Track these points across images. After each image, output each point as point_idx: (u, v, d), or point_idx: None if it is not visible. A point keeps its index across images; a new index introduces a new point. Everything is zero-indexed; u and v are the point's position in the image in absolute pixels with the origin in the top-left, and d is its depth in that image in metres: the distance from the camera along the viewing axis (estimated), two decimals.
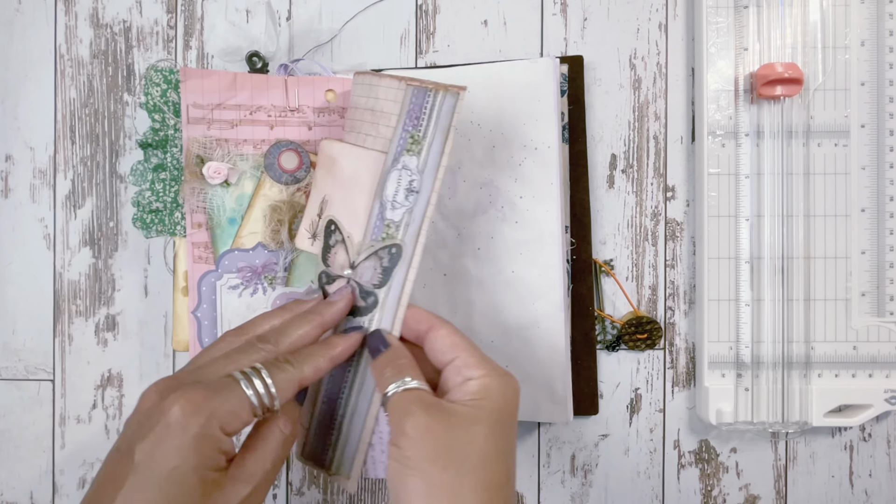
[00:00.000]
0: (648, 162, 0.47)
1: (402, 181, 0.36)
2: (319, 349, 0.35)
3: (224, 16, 0.47)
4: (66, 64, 0.48)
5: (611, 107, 0.47)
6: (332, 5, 0.47)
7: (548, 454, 0.47)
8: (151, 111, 0.43)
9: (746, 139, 0.44)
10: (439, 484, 0.29)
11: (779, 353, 0.44)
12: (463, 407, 0.31)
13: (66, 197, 0.48)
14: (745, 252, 0.45)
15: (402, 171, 0.36)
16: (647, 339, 0.46)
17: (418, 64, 0.47)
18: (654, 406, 0.47)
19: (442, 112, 0.35)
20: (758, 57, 0.44)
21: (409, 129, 0.36)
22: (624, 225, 0.47)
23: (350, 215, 0.37)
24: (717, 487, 0.47)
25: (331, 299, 0.37)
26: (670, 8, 0.47)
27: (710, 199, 0.45)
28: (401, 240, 0.36)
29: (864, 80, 0.44)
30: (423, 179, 0.36)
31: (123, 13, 0.48)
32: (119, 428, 0.48)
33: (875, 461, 0.47)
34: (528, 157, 0.43)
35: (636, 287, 0.47)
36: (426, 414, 0.31)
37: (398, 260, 0.36)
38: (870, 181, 0.45)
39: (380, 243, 0.36)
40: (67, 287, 0.48)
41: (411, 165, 0.36)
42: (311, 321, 0.35)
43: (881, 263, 0.45)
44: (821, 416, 0.44)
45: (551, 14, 0.47)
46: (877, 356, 0.44)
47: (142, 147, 0.44)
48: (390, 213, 0.36)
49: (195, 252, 0.43)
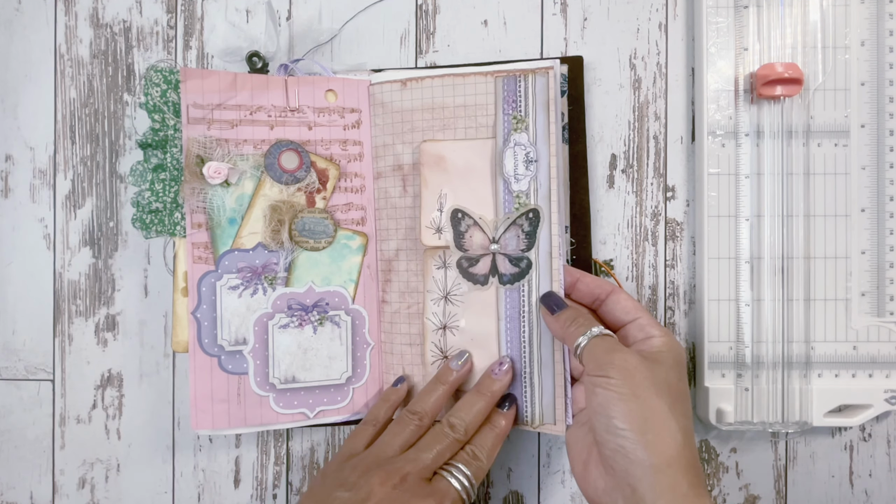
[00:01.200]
0: (648, 162, 0.47)
1: (518, 156, 0.41)
2: (494, 436, 0.40)
3: (224, 16, 0.47)
4: (66, 64, 0.48)
5: (611, 107, 0.47)
6: (332, 5, 0.47)
7: (548, 454, 0.47)
8: (151, 111, 0.43)
9: (746, 139, 0.44)
10: (655, 408, 0.35)
11: (779, 353, 0.44)
12: (655, 355, 0.37)
13: (66, 197, 0.48)
14: (745, 252, 0.45)
15: (516, 148, 0.41)
16: None
17: (418, 64, 0.47)
18: None
19: (538, 91, 0.41)
20: (758, 57, 0.44)
21: (510, 112, 0.42)
22: (624, 225, 0.47)
23: (476, 200, 0.42)
24: (717, 487, 0.47)
25: (495, 376, 0.41)
26: (670, 8, 0.47)
27: (710, 199, 0.45)
28: (536, 204, 0.41)
29: (864, 80, 0.44)
30: (539, 148, 0.41)
31: (123, 13, 0.48)
32: (119, 427, 0.48)
33: (875, 461, 0.47)
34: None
35: (636, 287, 0.47)
36: (631, 354, 0.36)
37: (538, 222, 0.41)
38: (870, 181, 0.45)
39: (515, 213, 0.42)
40: (67, 287, 0.48)
41: (523, 141, 0.41)
42: (483, 400, 0.41)
43: (881, 263, 0.45)
44: (821, 416, 0.44)
45: (551, 14, 0.47)
46: (877, 356, 0.44)
47: (141, 147, 0.44)
48: (516, 185, 0.42)
49: (195, 252, 0.43)
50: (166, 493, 0.48)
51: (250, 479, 0.48)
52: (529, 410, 0.42)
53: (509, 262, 0.42)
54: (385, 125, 0.44)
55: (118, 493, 0.48)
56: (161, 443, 0.48)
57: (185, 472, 0.48)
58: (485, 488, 0.48)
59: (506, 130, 0.42)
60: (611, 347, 0.37)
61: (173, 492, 0.48)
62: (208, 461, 0.48)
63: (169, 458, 0.48)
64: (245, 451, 0.48)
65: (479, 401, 0.40)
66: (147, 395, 0.48)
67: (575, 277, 0.41)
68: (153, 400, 0.48)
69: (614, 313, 0.40)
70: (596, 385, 0.36)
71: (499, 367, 0.42)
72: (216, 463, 0.48)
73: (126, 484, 0.48)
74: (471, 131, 0.43)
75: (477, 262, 0.43)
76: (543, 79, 0.41)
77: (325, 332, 0.45)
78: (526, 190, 0.41)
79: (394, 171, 0.44)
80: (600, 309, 0.41)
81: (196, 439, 0.48)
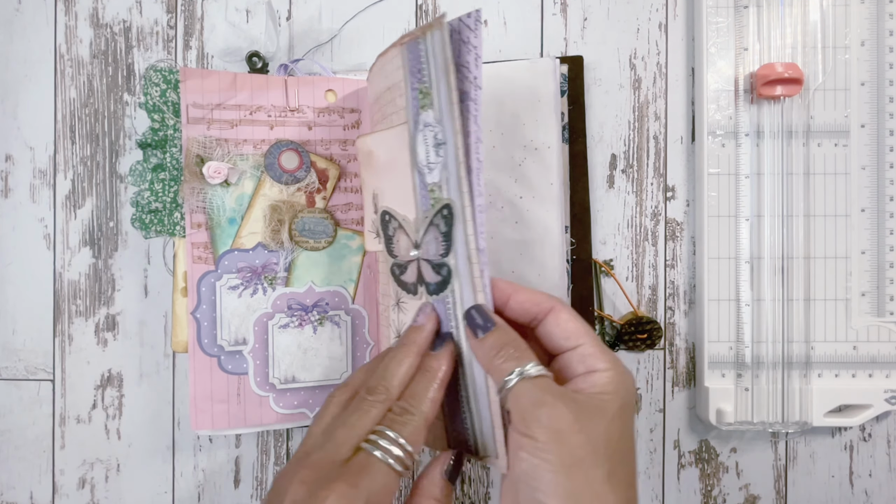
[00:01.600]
0: (648, 162, 0.47)
1: (427, 140, 0.33)
2: (426, 381, 0.33)
3: (224, 16, 0.47)
4: (66, 64, 0.48)
5: (611, 107, 0.47)
6: (332, 5, 0.47)
7: None
8: (151, 111, 0.43)
9: (746, 139, 0.44)
10: (591, 479, 0.29)
11: (779, 353, 0.44)
12: (595, 400, 0.30)
13: (66, 197, 0.48)
14: (745, 252, 0.45)
15: (425, 130, 0.33)
16: (647, 339, 0.46)
17: None
18: (654, 406, 0.47)
19: (436, 52, 0.32)
20: (758, 57, 0.44)
21: (416, 85, 0.33)
22: (624, 225, 0.47)
23: (400, 198, 0.35)
24: (717, 487, 0.47)
25: (417, 324, 0.35)
26: (670, 8, 0.47)
27: (710, 199, 0.45)
28: (447, 197, 0.33)
29: (864, 80, 0.44)
30: (444, 127, 0.32)
31: (123, 13, 0.48)
32: (119, 427, 0.48)
33: (875, 461, 0.47)
34: (528, 158, 0.43)
35: (636, 287, 0.47)
36: (564, 409, 0.29)
37: (452, 219, 0.33)
38: (870, 181, 0.45)
39: (431, 210, 0.34)
40: (67, 287, 0.48)
41: (430, 119, 0.33)
42: (408, 353, 0.34)
43: (881, 263, 0.45)
44: (821, 416, 0.44)
45: (551, 14, 0.47)
46: (877, 356, 0.44)
47: (141, 147, 0.44)
48: (429, 177, 0.33)
49: (194, 252, 0.43)
50: (166, 493, 0.48)
51: (250, 479, 0.48)
52: (471, 438, 0.35)
53: (432, 268, 0.35)
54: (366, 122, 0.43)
55: (118, 493, 0.48)
56: (161, 443, 0.48)
57: (185, 472, 0.48)
58: (485, 488, 0.48)
59: (414, 110, 0.33)
60: (540, 399, 0.30)
61: (173, 492, 0.48)
62: (208, 461, 0.48)
63: (169, 458, 0.48)
64: (245, 451, 0.48)
65: (404, 357, 0.34)
66: (147, 395, 0.47)
67: (507, 294, 0.33)
68: (153, 400, 0.48)
69: (553, 337, 0.33)
70: (520, 448, 0.30)
71: (421, 315, 0.35)
72: (216, 463, 0.48)
73: (126, 484, 0.48)
74: (393, 117, 0.35)
75: (406, 268, 0.36)
76: (438, 33, 0.31)
77: (325, 332, 0.45)
78: (438, 181, 0.33)
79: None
80: (537, 330, 0.33)
81: (196, 439, 0.48)
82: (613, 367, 0.31)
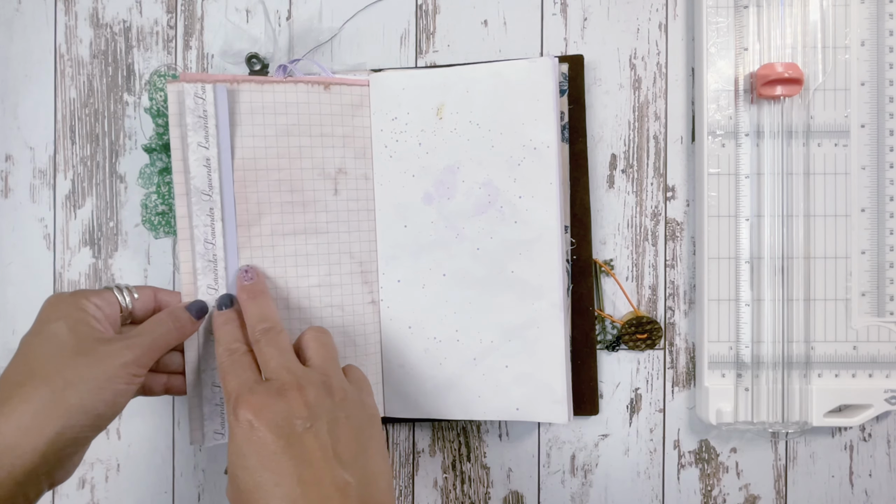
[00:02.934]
0: (648, 162, 0.47)
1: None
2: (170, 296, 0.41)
3: (224, 16, 0.47)
4: (66, 64, 0.48)
5: (611, 107, 0.47)
6: (331, 5, 0.47)
7: (548, 454, 0.47)
8: (155, 116, 0.44)
9: (746, 139, 0.44)
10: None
11: (779, 353, 0.44)
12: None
13: (66, 197, 0.48)
14: (745, 252, 0.45)
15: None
16: (647, 339, 0.46)
17: (418, 64, 0.47)
18: (654, 406, 0.47)
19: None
20: (758, 57, 0.44)
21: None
22: (624, 225, 0.47)
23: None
24: (717, 487, 0.47)
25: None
26: (670, 8, 0.47)
27: (710, 199, 0.45)
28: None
29: (864, 80, 0.44)
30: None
31: (123, 13, 0.48)
32: (119, 428, 0.48)
33: (875, 461, 0.47)
34: (528, 157, 0.43)
35: (636, 287, 0.47)
36: None
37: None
38: (870, 181, 0.45)
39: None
40: (67, 287, 0.48)
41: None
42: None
43: (881, 263, 0.45)
44: (821, 416, 0.44)
45: (551, 14, 0.47)
46: (877, 356, 0.44)
47: (146, 152, 0.44)
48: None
49: None
50: (166, 493, 0.48)
51: None
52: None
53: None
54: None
55: (118, 493, 0.48)
56: (161, 443, 0.48)
57: (185, 472, 0.48)
58: (485, 488, 0.48)
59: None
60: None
61: (173, 492, 0.48)
62: (208, 461, 0.48)
63: (169, 458, 0.48)
64: None
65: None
66: None
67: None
68: (153, 400, 0.48)
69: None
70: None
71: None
72: (216, 463, 0.48)
73: (126, 484, 0.48)
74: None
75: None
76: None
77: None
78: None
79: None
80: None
81: None
82: None
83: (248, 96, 0.42)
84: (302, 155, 0.43)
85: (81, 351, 0.34)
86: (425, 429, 0.48)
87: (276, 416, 0.32)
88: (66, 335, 0.34)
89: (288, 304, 0.43)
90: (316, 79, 0.43)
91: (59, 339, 0.34)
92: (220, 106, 0.41)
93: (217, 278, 0.42)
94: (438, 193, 0.44)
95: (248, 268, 0.41)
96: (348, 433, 0.34)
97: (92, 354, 0.34)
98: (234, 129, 0.42)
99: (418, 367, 0.45)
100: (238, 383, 0.34)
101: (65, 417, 0.32)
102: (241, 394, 0.33)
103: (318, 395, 0.34)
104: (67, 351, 0.34)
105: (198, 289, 0.41)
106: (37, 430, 0.32)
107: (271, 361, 0.35)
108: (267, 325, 0.37)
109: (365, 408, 0.36)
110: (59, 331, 0.35)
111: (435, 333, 0.45)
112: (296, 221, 0.43)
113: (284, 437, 0.32)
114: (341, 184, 0.44)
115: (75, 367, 0.33)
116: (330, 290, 0.43)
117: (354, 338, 0.44)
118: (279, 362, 0.35)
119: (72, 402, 0.33)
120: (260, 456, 0.31)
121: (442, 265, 0.44)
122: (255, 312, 0.39)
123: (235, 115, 0.42)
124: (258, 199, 0.42)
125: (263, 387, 0.34)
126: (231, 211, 0.42)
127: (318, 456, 0.32)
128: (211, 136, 0.41)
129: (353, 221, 0.44)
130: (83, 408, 0.33)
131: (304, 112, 0.42)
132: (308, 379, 0.34)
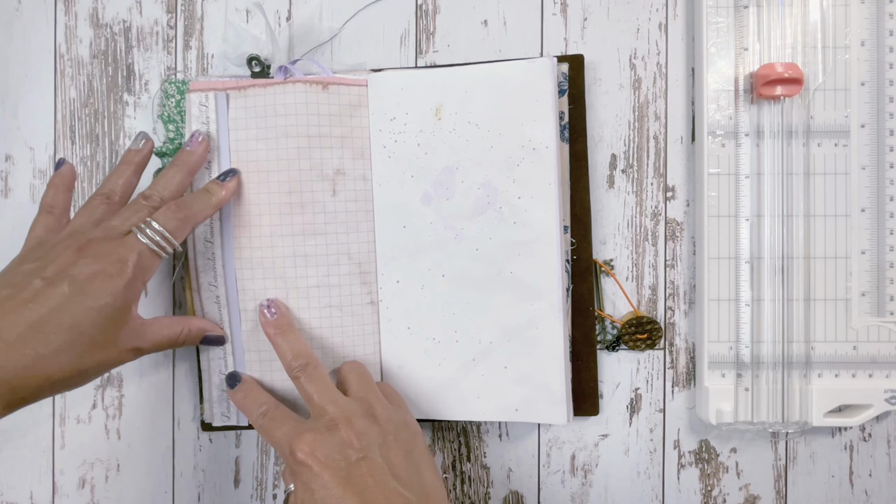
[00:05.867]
0: (648, 162, 0.47)
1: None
2: (203, 198, 0.40)
3: (224, 16, 0.47)
4: (66, 64, 0.48)
5: (611, 107, 0.47)
6: (331, 5, 0.47)
7: (548, 454, 0.47)
8: (167, 122, 0.45)
9: (746, 139, 0.44)
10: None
11: (779, 353, 0.44)
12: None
13: None
14: (745, 252, 0.44)
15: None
16: (647, 339, 0.46)
17: (418, 64, 0.47)
18: (654, 406, 0.47)
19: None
20: (758, 57, 0.44)
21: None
22: (624, 225, 0.47)
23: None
24: (717, 487, 0.47)
25: (189, 148, 0.41)
26: (670, 8, 0.47)
27: (710, 199, 0.45)
28: None
29: (864, 80, 0.44)
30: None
31: (123, 13, 0.48)
32: (119, 428, 0.48)
33: (875, 461, 0.47)
34: (527, 158, 0.43)
35: (636, 287, 0.47)
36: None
37: None
38: (870, 181, 0.45)
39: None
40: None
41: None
42: (180, 172, 0.40)
43: (881, 263, 0.44)
44: (821, 416, 0.44)
45: (551, 14, 0.47)
46: (877, 356, 0.44)
47: (158, 156, 0.45)
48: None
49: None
50: (166, 493, 0.48)
51: (250, 479, 0.48)
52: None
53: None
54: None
55: (118, 493, 0.48)
56: (161, 443, 0.48)
57: (184, 472, 0.48)
58: (485, 488, 0.48)
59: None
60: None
61: (173, 492, 0.48)
62: (208, 461, 0.48)
63: (169, 458, 0.48)
64: (245, 451, 0.48)
65: (175, 173, 0.40)
66: (147, 395, 0.48)
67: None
68: (153, 400, 0.48)
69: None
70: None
71: (191, 140, 0.41)
72: (216, 463, 0.48)
73: (126, 484, 0.48)
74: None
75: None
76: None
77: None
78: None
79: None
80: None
81: (196, 439, 0.48)
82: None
83: (251, 101, 0.42)
84: (300, 156, 0.43)
85: (98, 344, 0.36)
86: (425, 429, 0.48)
87: (331, 450, 0.34)
88: (100, 321, 0.36)
89: (287, 304, 0.43)
90: (314, 79, 0.43)
91: (91, 319, 0.35)
92: (220, 112, 0.42)
93: (216, 276, 0.43)
94: (437, 194, 0.44)
95: (269, 302, 0.42)
96: (399, 454, 0.36)
97: (106, 351, 0.36)
98: (233, 133, 0.42)
99: (417, 368, 0.45)
100: (283, 432, 0.36)
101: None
102: (292, 439, 0.35)
103: (365, 425, 0.36)
104: (87, 338, 0.35)
105: (200, 286, 0.43)
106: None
107: (315, 397, 0.37)
108: (304, 362, 0.39)
109: (409, 426, 0.38)
110: (100, 312, 0.36)
111: (434, 334, 0.45)
112: (294, 222, 0.43)
113: (343, 469, 0.34)
114: (339, 184, 0.44)
115: (91, 354, 0.36)
116: (329, 290, 0.43)
117: (353, 338, 0.44)
118: (323, 397, 0.37)
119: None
120: (325, 491, 0.33)
121: (441, 266, 0.44)
122: (288, 349, 0.40)
123: (236, 118, 0.43)
124: (257, 201, 0.42)
125: (310, 425, 0.36)
126: (230, 211, 0.42)
127: (377, 480, 0.34)
128: (212, 139, 0.42)
129: (351, 222, 0.44)
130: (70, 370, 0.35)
131: (301, 112, 0.42)
132: (353, 410, 0.36)
